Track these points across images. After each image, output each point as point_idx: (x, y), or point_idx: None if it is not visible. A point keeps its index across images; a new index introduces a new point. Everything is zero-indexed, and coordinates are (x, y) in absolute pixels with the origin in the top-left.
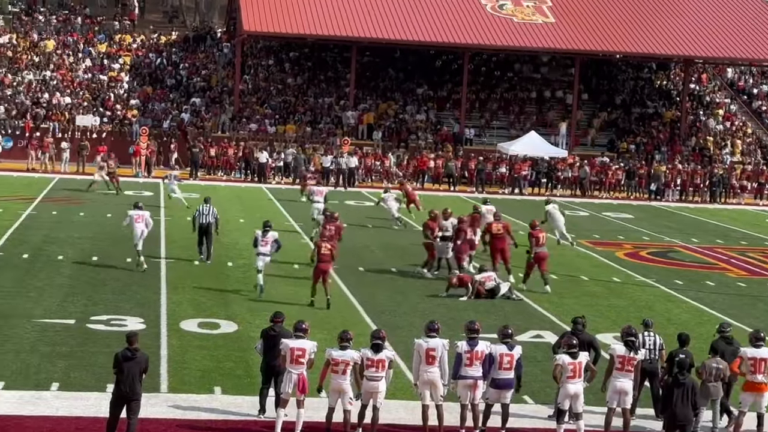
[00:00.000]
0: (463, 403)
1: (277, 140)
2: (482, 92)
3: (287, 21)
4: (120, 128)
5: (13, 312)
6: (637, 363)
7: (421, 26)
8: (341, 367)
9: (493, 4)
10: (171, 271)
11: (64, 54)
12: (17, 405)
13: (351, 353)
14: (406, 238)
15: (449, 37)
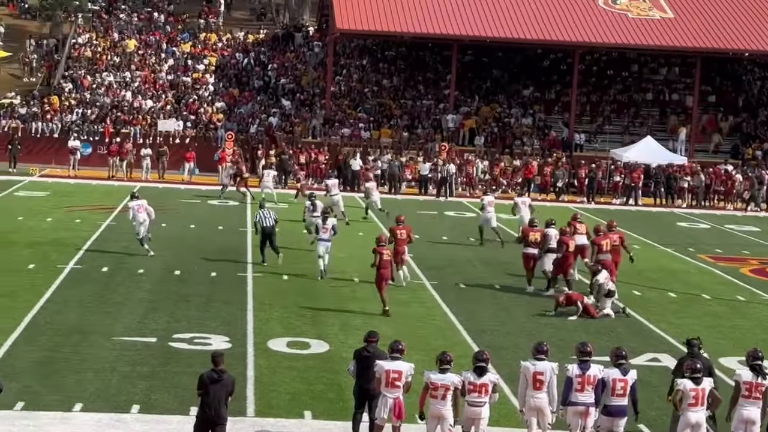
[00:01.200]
0: (573, 431)
1: (371, 146)
2: (594, 94)
3: (383, 18)
4: (204, 133)
5: (92, 329)
6: (765, 390)
7: (528, 23)
8: (441, 391)
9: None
10: (258, 286)
11: (146, 54)
12: (96, 428)
13: (451, 377)
14: (510, 253)
15: (558, 35)
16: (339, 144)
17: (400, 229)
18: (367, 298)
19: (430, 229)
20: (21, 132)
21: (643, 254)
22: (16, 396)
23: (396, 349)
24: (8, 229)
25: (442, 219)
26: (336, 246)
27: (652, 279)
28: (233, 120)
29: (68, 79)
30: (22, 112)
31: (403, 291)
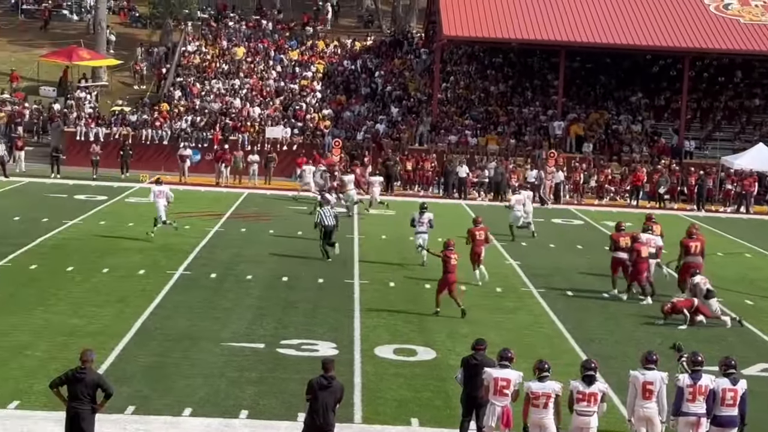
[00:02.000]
0: None
1: (478, 153)
2: (704, 100)
3: (490, 25)
4: (312, 140)
5: (200, 335)
6: None
7: (636, 29)
8: (542, 400)
9: (717, 4)
10: (365, 293)
11: (254, 62)
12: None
13: (552, 385)
14: None
15: (667, 41)
16: (445, 151)
17: (478, 230)
18: (472, 306)
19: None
20: (131, 139)
21: (756, 263)
22: (127, 400)
23: (505, 357)
24: (119, 234)
25: (549, 226)
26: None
27: (764, 288)
28: (340, 127)
29: (177, 87)
30: (133, 120)
31: (510, 299)
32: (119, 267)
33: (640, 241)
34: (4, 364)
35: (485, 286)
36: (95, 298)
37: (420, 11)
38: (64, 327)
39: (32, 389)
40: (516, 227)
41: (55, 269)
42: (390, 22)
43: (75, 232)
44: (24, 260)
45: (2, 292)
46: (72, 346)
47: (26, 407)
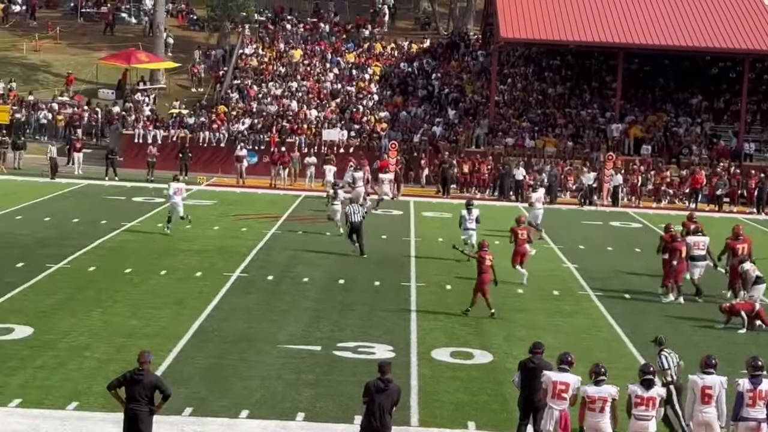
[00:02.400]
0: None
1: (535, 155)
2: (764, 103)
3: (547, 27)
4: (368, 142)
5: (258, 336)
6: None
7: (695, 30)
8: (598, 404)
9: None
10: (421, 296)
11: (311, 64)
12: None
13: (608, 389)
14: None
15: (727, 42)
16: (502, 153)
17: (521, 230)
18: (530, 309)
19: (594, 240)
20: (189, 141)
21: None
22: (184, 401)
23: (565, 361)
24: (177, 237)
25: (607, 229)
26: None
27: None
28: (397, 129)
29: (235, 89)
30: (190, 122)
31: (567, 302)
32: (177, 269)
33: (679, 241)
34: (62, 365)
35: (542, 289)
36: (153, 300)
37: (477, 13)
38: (123, 328)
39: (91, 390)
40: (536, 223)
41: (113, 271)
42: (447, 24)
43: (133, 235)
44: (83, 262)
45: (62, 294)
46: (130, 347)
47: (85, 408)
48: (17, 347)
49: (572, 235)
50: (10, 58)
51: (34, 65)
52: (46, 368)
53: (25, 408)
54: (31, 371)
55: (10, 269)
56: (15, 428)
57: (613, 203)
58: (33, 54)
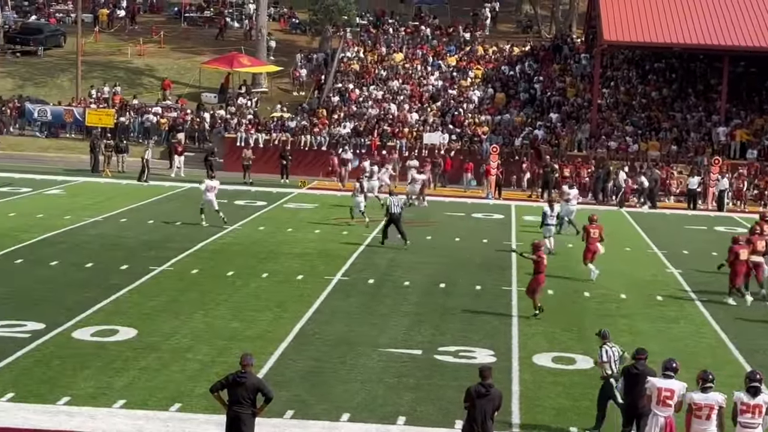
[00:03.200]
0: None
1: (638, 159)
2: None
3: (651, 29)
4: (469, 146)
5: (358, 340)
6: None
7: None
8: (705, 411)
9: None
10: (523, 300)
11: (412, 67)
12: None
13: (715, 396)
14: None
15: None
16: (605, 157)
17: (593, 228)
18: (633, 315)
19: (698, 245)
20: (290, 145)
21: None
22: (285, 404)
23: (670, 368)
24: (278, 240)
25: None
26: (602, 262)
27: None
28: (498, 133)
29: (336, 93)
30: (291, 126)
31: (671, 308)
32: (278, 272)
33: (739, 244)
34: (166, 366)
35: (646, 294)
36: (255, 303)
37: (580, 16)
38: (225, 331)
39: (193, 392)
40: (568, 219)
41: (216, 274)
42: (549, 27)
43: (235, 238)
44: (186, 264)
45: (165, 296)
46: (232, 350)
47: (187, 410)
48: (121, 349)
49: (676, 239)
50: (115, 63)
51: (138, 69)
52: (149, 370)
53: (128, 409)
54: (135, 373)
55: (114, 271)
56: (119, 429)
57: (718, 208)
58: (137, 58)
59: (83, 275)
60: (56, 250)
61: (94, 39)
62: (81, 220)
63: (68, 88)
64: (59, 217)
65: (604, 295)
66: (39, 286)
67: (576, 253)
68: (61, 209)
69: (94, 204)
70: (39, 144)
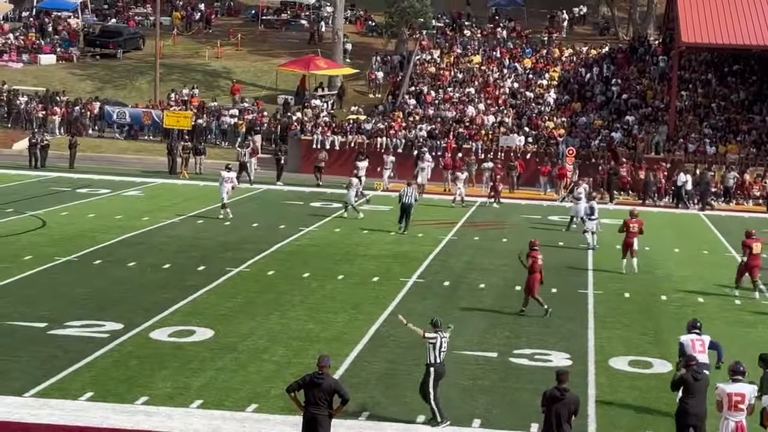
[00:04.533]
0: None
1: (716, 162)
2: None
3: (730, 31)
4: (546, 148)
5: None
6: None
7: None
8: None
9: None
10: (599, 304)
11: (489, 69)
12: None
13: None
14: None
15: None
16: (683, 160)
17: (633, 222)
18: (712, 318)
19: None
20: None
21: None
22: (361, 406)
23: (737, 371)
24: (354, 242)
25: None
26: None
27: None
28: (574, 135)
29: (412, 95)
30: (368, 128)
31: (748, 312)
32: (354, 274)
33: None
34: (243, 367)
35: (724, 298)
36: (330, 305)
37: (657, 18)
38: (300, 332)
39: (270, 393)
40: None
41: (291, 275)
42: (626, 29)
43: (311, 239)
44: (262, 266)
45: (242, 297)
46: (308, 351)
47: (264, 411)
48: (198, 349)
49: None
50: (193, 65)
51: (215, 72)
52: (226, 370)
53: (205, 409)
54: (212, 373)
55: (192, 272)
56: (196, 428)
57: None
58: (214, 61)
59: (161, 276)
60: (134, 251)
61: (172, 42)
62: (158, 221)
63: (146, 91)
64: (137, 219)
65: (681, 299)
66: (117, 286)
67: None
68: (139, 210)
69: (172, 206)
70: (118, 146)
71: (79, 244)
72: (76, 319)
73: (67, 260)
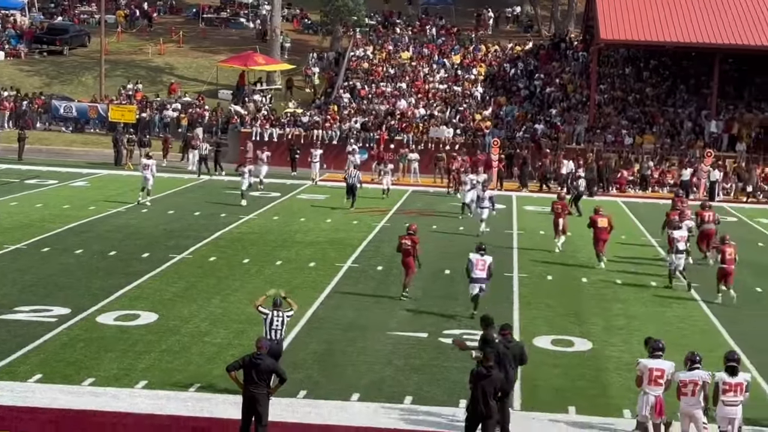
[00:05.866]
0: None
1: (632, 152)
2: None
3: (645, 28)
4: (473, 140)
5: (368, 324)
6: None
7: None
8: (690, 388)
9: None
10: (524, 286)
11: (419, 65)
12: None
13: (700, 373)
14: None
15: None
16: (601, 150)
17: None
18: (629, 299)
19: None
20: (303, 139)
21: None
22: (298, 385)
23: (657, 348)
24: (292, 229)
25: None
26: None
27: None
28: (500, 127)
29: (346, 90)
30: (304, 121)
31: (664, 292)
32: (291, 260)
33: (598, 213)
34: (186, 349)
35: (640, 280)
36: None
37: (577, 16)
38: (241, 315)
39: (211, 373)
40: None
41: (232, 261)
42: (549, 26)
43: (251, 227)
44: (204, 252)
45: (185, 282)
46: (248, 333)
47: (206, 390)
48: (143, 332)
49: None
50: (136, 62)
51: (158, 68)
52: (169, 352)
53: (150, 389)
54: (156, 355)
55: (137, 259)
56: (141, 408)
57: (709, 198)
58: (157, 57)
59: (107, 263)
60: (81, 239)
61: (116, 39)
62: (105, 210)
63: (92, 86)
64: (84, 208)
65: (601, 281)
66: (65, 273)
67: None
68: (85, 200)
69: (117, 195)
70: (65, 138)
71: (27, 232)
72: (25, 305)
73: (16, 248)
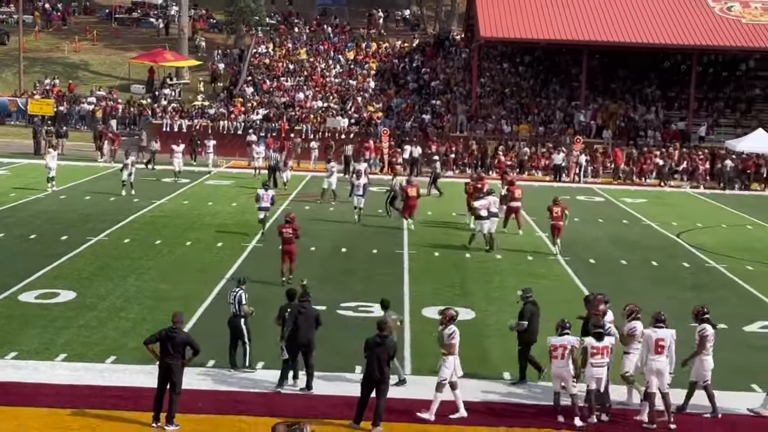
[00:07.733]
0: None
1: (511, 139)
2: (710, 92)
3: (521, 27)
4: (366, 129)
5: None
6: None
7: (651, 29)
8: (560, 351)
9: (721, 6)
10: (413, 261)
11: (316, 61)
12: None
13: (569, 338)
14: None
15: (678, 39)
16: (483, 137)
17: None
18: (507, 272)
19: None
20: (210, 129)
21: (757, 234)
22: (209, 356)
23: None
24: (201, 212)
25: (574, 203)
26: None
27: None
28: (391, 117)
29: (250, 84)
30: (211, 113)
31: (539, 265)
32: (200, 241)
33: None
34: (102, 324)
35: (518, 254)
36: (180, 268)
37: (460, 15)
38: (154, 292)
39: (127, 346)
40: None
41: (145, 242)
42: (434, 25)
43: (162, 211)
44: (119, 235)
45: (100, 262)
46: (160, 308)
47: (121, 362)
48: (62, 309)
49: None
50: (54, 58)
51: (74, 64)
52: (87, 327)
53: (69, 362)
54: (75, 330)
55: (56, 241)
56: (61, 379)
57: (579, 180)
58: (73, 54)
59: (28, 245)
60: (3, 224)
61: (34, 37)
62: (25, 197)
63: (12, 81)
64: (5, 195)
65: (483, 256)
66: None
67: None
68: (6, 188)
69: (37, 183)
70: None
71: None
72: None
73: None
